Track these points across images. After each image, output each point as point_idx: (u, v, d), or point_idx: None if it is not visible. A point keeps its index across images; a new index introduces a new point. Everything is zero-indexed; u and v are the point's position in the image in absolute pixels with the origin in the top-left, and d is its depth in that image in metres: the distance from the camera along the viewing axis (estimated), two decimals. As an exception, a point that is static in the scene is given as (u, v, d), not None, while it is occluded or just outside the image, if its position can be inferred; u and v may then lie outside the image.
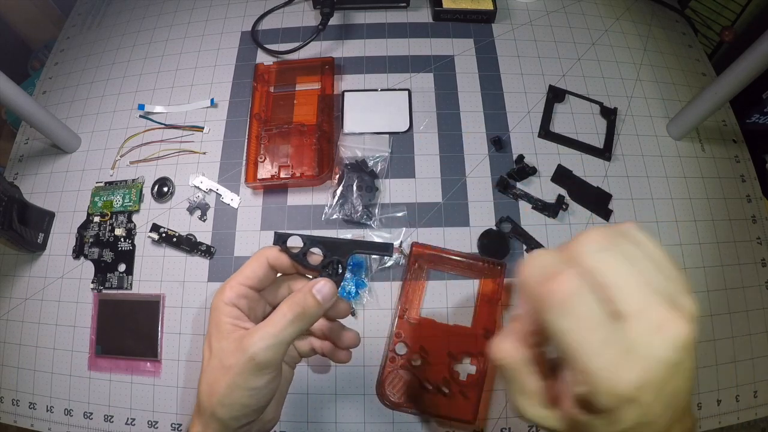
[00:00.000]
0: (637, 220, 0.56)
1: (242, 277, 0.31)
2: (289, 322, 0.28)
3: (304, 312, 0.29)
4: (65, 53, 0.72)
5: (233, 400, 0.28)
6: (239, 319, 0.30)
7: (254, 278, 0.31)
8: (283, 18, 0.69)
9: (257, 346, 0.28)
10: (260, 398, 0.29)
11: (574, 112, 0.61)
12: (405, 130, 0.59)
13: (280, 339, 0.28)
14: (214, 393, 0.28)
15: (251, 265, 0.31)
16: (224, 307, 0.30)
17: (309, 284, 0.30)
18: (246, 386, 0.28)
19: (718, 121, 0.64)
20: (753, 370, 0.53)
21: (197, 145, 0.60)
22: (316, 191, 0.57)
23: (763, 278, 0.56)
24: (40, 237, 0.57)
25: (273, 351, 0.28)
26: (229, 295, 0.30)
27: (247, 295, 0.31)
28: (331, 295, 0.30)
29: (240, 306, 0.30)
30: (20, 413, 0.53)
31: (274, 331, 0.28)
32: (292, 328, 0.29)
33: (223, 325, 0.29)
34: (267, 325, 0.29)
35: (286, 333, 0.28)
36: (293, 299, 0.29)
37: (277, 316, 0.29)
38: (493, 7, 0.66)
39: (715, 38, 0.77)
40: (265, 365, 0.28)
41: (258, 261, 0.31)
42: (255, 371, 0.28)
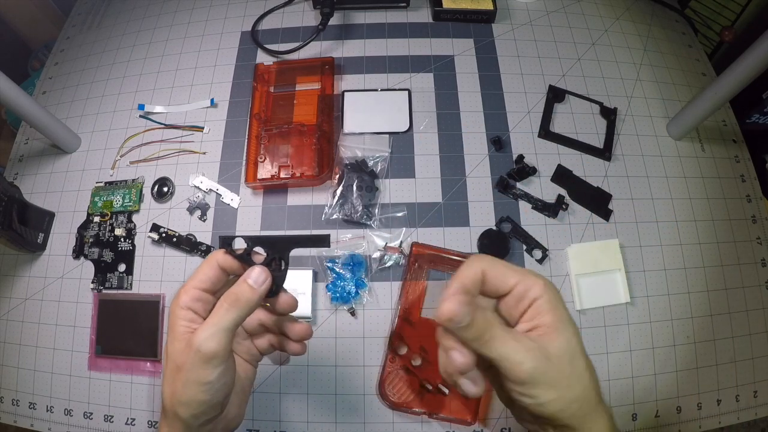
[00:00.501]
0: (637, 220, 0.56)
1: (195, 281, 0.32)
2: (225, 310, 0.30)
3: (238, 298, 0.30)
4: (65, 53, 0.72)
5: (189, 397, 0.29)
6: (193, 321, 0.31)
7: (207, 281, 0.32)
8: (283, 18, 0.69)
9: (201, 337, 0.29)
10: (215, 393, 0.30)
11: (574, 112, 0.61)
12: (405, 130, 0.59)
13: (220, 326, 0.29)
14: (173, 393, 0.30)
15: (203, 269, 0.32)
16: (179, 311, 0.31)
17: (244, 275, 0.31)
18: (198, 381, 0.29)
19: (718, 121, 0.64)
20: (753, 370, 0.53)
21: (197, 145, 0.60)
22: (316, 191, 0.57)
23: (763, 278, 0.56)
24: (40, 237, 0.57)
25: (216, 340, 0.29)
26: (184, 299, 0.31)
27: (201, 297, 0.32)
28: (263, 281, 0.31)
29: (195, 309, 0.32)
30: (20, 413, 0.53)
31: (213, 321, 0.30)
32: (230, 315, 0.30)
33: (178, 327, 0.31)
34: (209, 318, 0.30)
35: (224, 320, 0.30)
36: (230, 290, 0.31)
37: (216, 307, 0.31)
38: (493, 7, 0.66)
39: (715, 38, 0.77)
40: (211, 355, 0.29)
41: (209, 264, 0.32)
42: (203, 364, 0.29)
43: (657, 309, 0.53)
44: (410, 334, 0.50)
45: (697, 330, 0.53)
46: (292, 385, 0.50)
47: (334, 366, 0.50)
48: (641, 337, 0.52)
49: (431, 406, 0.48)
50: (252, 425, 0.49)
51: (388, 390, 0.48)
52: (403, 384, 0.48)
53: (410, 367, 0.49)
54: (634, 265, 0.54)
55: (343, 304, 0.51)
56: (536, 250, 0.54)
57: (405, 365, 0.49)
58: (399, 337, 0.49)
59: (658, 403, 0.50)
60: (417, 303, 0.51)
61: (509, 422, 0.49)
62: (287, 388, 0.50)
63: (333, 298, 0.51)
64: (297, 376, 0.50)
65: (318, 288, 0.52)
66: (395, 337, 0.49)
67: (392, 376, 0.49)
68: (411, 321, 0.50)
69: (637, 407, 0.50)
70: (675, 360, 0.52)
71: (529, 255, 0.54)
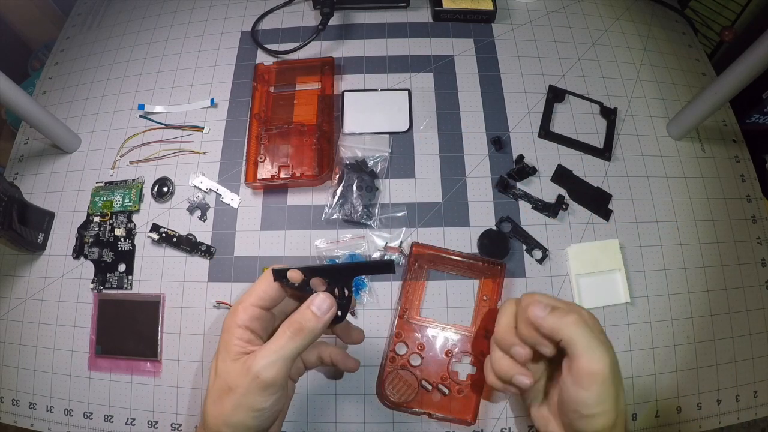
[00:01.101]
0: (637, 220, 0.56)
1: (254, 297, 0.30)
2: (289, 338, 0.29)
3: (302, 327, 0.29)
4: (65, 53, 0.72)
5: (238, 420, 0.28)
6: (250, 342, 0.30)
7: (266, 298, 0.31)
8: (283, 18, 0.69)
9: (260, 364, 0.28)
10: (264, 420, 0.29)
11: (574, 112, 0.61)
12: (405, 130, 0.59)
13: (281, 355, 0.28)
14: (220, 414, 0.29)
15: (261, 285, 0.31)
16: (236, 330, 0.30)
17: (307, 301, 0.30)
18: (251, 407, 0.28)
19: (718, 121, 0.64)
20: (753, 370, 0.53)
21: (197, 145, 0.60)
22: (316, 191, 0.57)
23: (763, 278, 0.56)
24: (40, 237, 0.57)
25: (276, 368, 0.28)
26: (242, 317, 0.30)
27: (260, 316, 0.31)
28: (328, 309, 0.30)
29: (253, 328, 0.30)
30: (20, 413, 0.53)
31: (275, 348, 0.28)
32: (293, 344, 0.29)
33: (233, 347, 0.29)
34: (269, 343, 0.29)
35: (287, 349, 0.28)
36: (292, 317, 0.30)
37: (278, 334, 0.29)
38: (493, 7, 0.66)
39: (715, 38, 0.77)
40: (270, 383, 0.28)
41: (267, 280, 0.31)
42: (260, 390, 0.28)
43: (657, 309, 0.53)
44: (410, 334, 0.50)
45: (697, 330, 0.53)
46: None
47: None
48: (641, 337, 0.52)
49: (431, 406, 0.48)
50: (252, 425, 0.49)
51: (388, 390, 0.48)
52: (403, 384, 0.48)
53: (409, 366, 0.49)
54: (634, 265, 0.54)
55: (343, 304, 0.52)
56: (536, 250, 0.54)
57: (404, 365, 0.49)
58: (399, 337, 0.49)
59: (658, 403, 0.50)
60: (417, 303, 0.51)
61: (509, 422, 0.49)
62: (287, 388, 0.50)
63: (333, 298, 0.51)
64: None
65: (318, 288, 0.52)
66: (395, 336, 0.49)
67: (392, 377, 0.49)
68: (411, 321, 0.50)
69: (637, 407, 0.50)
70: (675, 360, 0.52)
71: (529, 255, 0.54)
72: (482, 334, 0.50)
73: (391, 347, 0.49)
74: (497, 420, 0.49)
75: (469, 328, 0.50)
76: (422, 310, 0.51)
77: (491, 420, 0.49)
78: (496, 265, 0.52)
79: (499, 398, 0.49)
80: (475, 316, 0.51)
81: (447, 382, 0.48)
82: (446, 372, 0.48)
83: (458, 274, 0.52)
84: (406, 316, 0.50)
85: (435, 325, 0.50)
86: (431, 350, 0.49)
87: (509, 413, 0.49)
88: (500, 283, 0.51)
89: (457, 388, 0.48)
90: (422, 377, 0.48)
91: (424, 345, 0.49)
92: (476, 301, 0.51)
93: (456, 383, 0.48)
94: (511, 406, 0.49)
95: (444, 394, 0.48)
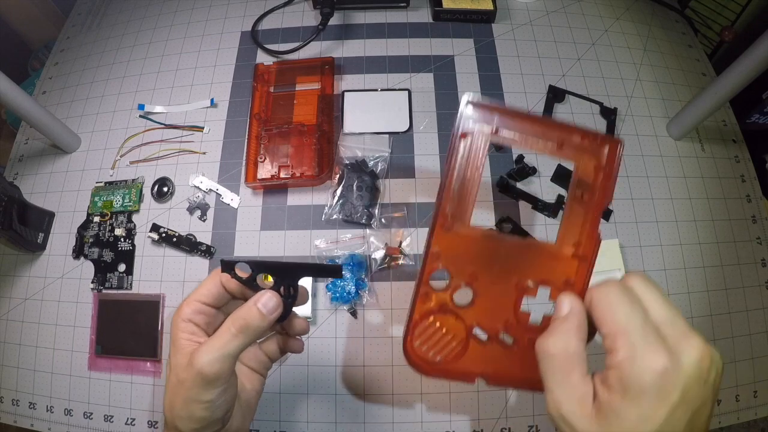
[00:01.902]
0: (637, 220, 0.56)
1: (198, 294, 0.31)
2: (233, 336, 0.29)
3: (247, 324, 0.29)
4: (65, 53, 0.72)
5: (190, 413, 0.29)
6: (195, 334, 0.30)
7: (209, 296, 0.31)
8: (283, 18, 0.69)
9: (203, 360, 0.28)
10: (215, 410, 0.29)
11: (574, 112, 0.61)
12: (405, 130, 0.59)
13: (225, 352, 0.29)
14: (174, 407, 0.29)
15: (207, 284, 0.32)
16: (181, 323, 0.31)
17: (254, 298, 0.30)
18: (199, 399, 0.29)
19: (718, 121, 0.64)
20: (753, 370, 0.53)
21: (197, 145, 0.60)
22: (316, 191, 0.57)
23: (763, 278, 0.56)
24: (40, 237, 0.57)
25: (219, 364, 0.28)
26: (186, 311, 0.31)
27: (203, 311, 0.31)
28: (275, 308, 0.30)
29: (197, 322, 0.31)
30: (20, 413, 0.53)
31: (219, 344, 0.29)
32: (237, 341, 0.29)
33: (179, 341, 0.30)
34: (213, 338, 0.29)
35: (230, 346, 0.29)
36: (237, 313, 0.30)
37: (222, 330, 0.29)
38: (493, 7, 0.66)
39: (715, 38, 0.77)
40: (213, 378, 0.28)
41: (213, 280, 0.32)
42: (204, 385, 0.28)
43: (657, 309, 0.53)
44: (456, 255, 0.31)
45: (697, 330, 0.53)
46: (292, 385, 0.50)
47: (334, 366, 0.50)
48: (641, 337, 0.52)
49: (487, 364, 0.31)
50: (252, 425, 0.49)
51: (417, 344, 0.31)
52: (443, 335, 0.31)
53: (454, 307, 0.31)
54: (634, 265, 0.54)
55: (343, 304, 0.51)
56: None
57: (444, 305, 0.31)
58: (436, 260, 0.31)
59: (658, 403, 0.50)
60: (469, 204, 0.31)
61: (509, 422, 0.49)
62: (287, 388, 0.50)
63: (333, 298, 0.51)
64: (297, 376, 0.50)
65: (318, 288, 0.52)
66: (430, 258, 0.30)
67: (425, 325, 0.31)
68: (459, 233, 0.31)
69: (637, 407, 0.50)
70: (675, 360, 0.52)
71: (529, 255, 0.54)
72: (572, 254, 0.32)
73: (423, 278, 0.31)
74: (497, 420, 0.49)
75: (553, 245, 0.31)
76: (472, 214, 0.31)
77: (491, 420, 0.49)
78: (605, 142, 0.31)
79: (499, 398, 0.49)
80: (564, 226, 0.32)
81: (512, 330, 0.30)
82: (512, 314, 0.31)
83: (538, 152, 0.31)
84: (449, 225, 0.30)
85: (497, 238, 0.31)
86: (489, 281, 0.31)
87: (509, 413, 0.49)
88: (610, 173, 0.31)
89: (525, 336, 0.30)
90: (473, 322, 0.31)
91: (478, 273, 0.31)
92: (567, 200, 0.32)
93: (525, 329, 0.30)
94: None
95: (505, 347, 0.31)
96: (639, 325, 0.24)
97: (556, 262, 0.32)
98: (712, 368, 0.24)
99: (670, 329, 0.24)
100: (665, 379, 0.22)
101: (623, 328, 0.24)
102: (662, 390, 0.22)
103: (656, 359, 0.23)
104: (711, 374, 0.24)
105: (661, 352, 0.23)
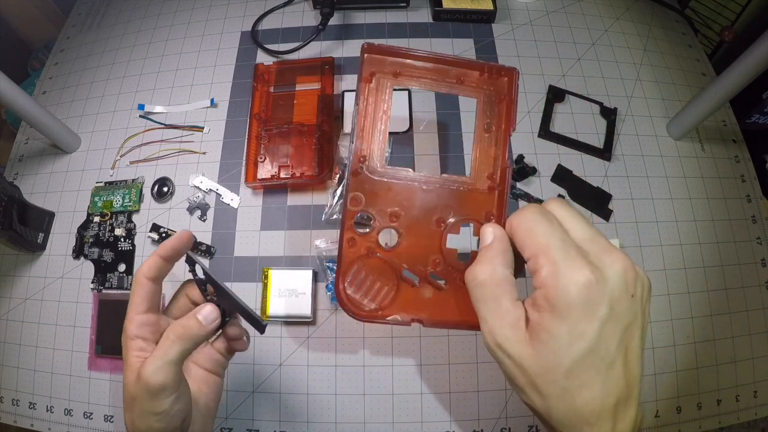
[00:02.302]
0: (637, 220, 0.56)
1: (134, 307, 0.31)
2: (171, 342, 0.30)
3: (187, 333, 0.30)
4: (65, 53, 0.72)
5: (146, 426, 0.29)
6: (144, 350, 0.30)
7: (144, 303, 0.31)
8: (283, 18, 0.69)
9: (148, 370, 0.28)
10: (170, 420, 0.30)
11: (574, 112, 0.61)
12: (405, 130, 0.59)
13: (167, 360, 0.29)
14: (131, 423, 0.30)
15: (136, 291, 0.32)
16: (129, 342, 0.31)
17: (195, 309, 0.32)
18: (153, 411, 0.29)
19: (718, 121, 0.64)
20: (753, 370, 0.53)
21: (197, 145, 0.60)
22: (316, 191, 0.57)
23: (763, 278, 0.56)
24: (40, 237, 0.57)
25: (163, 372, 0.29)
26: (131, 330, 0.31)
27: (146, 321, 0.31)
28: (213, 320, 0.32)
29: (144, 335, 0.31)
30: (20, 413, 0.53)
31: (159, 354, 0.29)
32: (176, 348, 0.30)
33: (130, 359, 0.30)
34: (155, 349, 0.30)
35: (171, 353, 0.29)
36: (178, 322, 0.31)
37: (162, 339, 0.30)
38: (493, 7, 0.66)
39: (715, 38, 0.77)
40: (160, 388, 0.28)
41: (138, 284, 0.32)
42: (154, 395, 0.29)
43: (657, 309, 0.53)
44: (376, 198, 0.31)
45: (697, 330, 0.53)
46: (292, 385, 0.50)
47: (334, 366, 0.50)
48: (641, 337, 0.52)
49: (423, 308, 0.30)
50: (252, 425, 0.49)
51: (351, 291, 0.30)
52: (373, 279, 0.31)
53: (381, 251, 0.31)
54: (634, 265, 0.54)
55: (343, 304, 0.51)
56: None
57: (371, 249, 0.31)
58: (357, 204, 0.31)
59: (658, 403, 0.50)
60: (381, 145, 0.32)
61: (509, 422, 0.49)
62: (287, 388, 0.50)
63: (333, 298, 0.51)
64: (297, 376, 0.50)
65: (318, 288, 0.52)
66: (350, 203, 0.31)
67: (355, 270, 0.31)
68: (373, 175, 0.31)
69: (637, 407, 0.50)
70: (675, 360, 0.52)
71: (529, 255, 0.54)
72: (488, 186, 0.32)
73: (347, 223, 0.31)
74: (497, 420, 0.49)
75: (467, 179, 0.32)
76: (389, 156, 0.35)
77: (491, 420, 0.49)
78: (502, 73, 0.32)
79: (499, 398, 0.49)
80: (476, 159, 0.32)
81: (440, 268, 0.31)
82: (439, 252, 0.31)
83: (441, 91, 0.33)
84: (364, 168, 0.31)
85: (413, 178, 0.31)
86: (412, 221, 0.31)
87: (509, 413, 0.49)
88: (510, 102, 0.32)
89: (457, 275, 0.31)
90: (401, 264, 0.31)
91: (400, 213, 0.31)
92: (475, 134, 0.32)
93: (454, 268, 0.31)
94: (511, 407, 0.49)
95: (440, 289, 0.31)
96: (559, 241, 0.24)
97: (474, 196, 0.32)
98: (638, 282, 0.24)
99: (592, 246, 0.24)
100: (591, 292, 0.22)
101: (544, 245, 0.24)
102: (589, 303, 0.22)
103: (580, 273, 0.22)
104: (637, 288, 0.24)
105: (584, 266, 0.23)
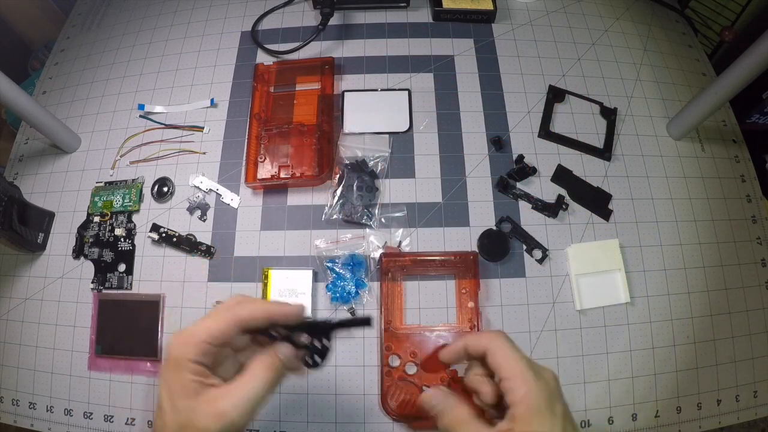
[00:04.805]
0: (637, 220, 0.56)
1: (208, 335, 0.30)
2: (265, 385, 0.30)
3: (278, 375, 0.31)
4: (65, 53, 0.72)
5: None
6: (204, 376, 0.29)
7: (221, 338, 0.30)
8: (283, 18, 0.69)
9: (236, 411, 0.28)
10: None
11: (574, 112, 0.61)
12: (405, 130, 0.59)
13: (256, 402, 0.29)
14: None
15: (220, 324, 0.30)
16: (189, 365, 0.29)
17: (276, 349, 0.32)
18: None
19: (718, 121, 0.64)
20: (753, 370, 0.53)
21: (197, 145, 0.60)
22: (316, 191, 0.57)
23: (763, 278, 0.56)
24: (40, 237, 0.57)
25: (250, 413, 0.29)
26: (195, 353, 0.29)
27: (211, 351, 0.30)
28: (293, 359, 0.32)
29: (206, 363, 0.30)
30: (20, 413, 0.53)
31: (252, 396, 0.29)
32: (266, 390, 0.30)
33: (189, 383, 0.29)
34: (244, 388, 0.29)
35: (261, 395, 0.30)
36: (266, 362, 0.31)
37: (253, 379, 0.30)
38: (493, 7, 0.66)
39: (715, 38, 0.77)
40: (242, 427, 0.28)
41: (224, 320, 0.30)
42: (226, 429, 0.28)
43: (657, 309, 0.53)
44: (399, 345, 0.49)
45: (697, 330, 0.53)
46: (292, 385, 0.50)
47: (334, 366, 0.50)
48: (641, 337, 0.52)
49: None
50: (252, 425, 0.49)
51: (392, 404, 0.48)
52: (405, 395, 0.48)
53: (407, 376, 0.48)
54: (634, 265, 0.54)
55: (343, 304, 0.51)
56: (536, 250, 0.54)
57: (401, 376, 0.48)
58: (389, 350, 0.49)
59: (658, 403, 0.50)
60: (398, 312, 0.51)
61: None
62: (287, 388, 0.50)
63: (333, 298, 0.51)
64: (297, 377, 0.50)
65: (318, 288, 0.52)
66: (385, 350, 0.49)
67: (392, 390, 0.48)
68: (396, 331, 0.50)
69: (637, 407, 0.50)
70: (675, 360, 0.52)
71: (529, 255, 0.54)
72: (469, 327, 0.50)
73: (384, 362, 0.49)
74: (497, 420, 0.49)
75: (455, 326, 0.50)
76: (406, 317, 0.51)
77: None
78: (468, 256, 0.52)
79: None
80: (459, 311, 0.51)
81: (445, 383, 0.47)
82: (444, 373, 0.47)
83: (433, 274, 0.52)
84: (390, 328, 0.50)
85: (421, 330, 0.50)
86: (424, 355, 0.48)
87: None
88: (475, 273, 0.51)
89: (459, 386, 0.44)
90: (422, 383, 0.48)
91: (416, 352, 0.49)
92: (456, 296, 0.51)
93: (457, 382, 0.46)
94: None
95: None
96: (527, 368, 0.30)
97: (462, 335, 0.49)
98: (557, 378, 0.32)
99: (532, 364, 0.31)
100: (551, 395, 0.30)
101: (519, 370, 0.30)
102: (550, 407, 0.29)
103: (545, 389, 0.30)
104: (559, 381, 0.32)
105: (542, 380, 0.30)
